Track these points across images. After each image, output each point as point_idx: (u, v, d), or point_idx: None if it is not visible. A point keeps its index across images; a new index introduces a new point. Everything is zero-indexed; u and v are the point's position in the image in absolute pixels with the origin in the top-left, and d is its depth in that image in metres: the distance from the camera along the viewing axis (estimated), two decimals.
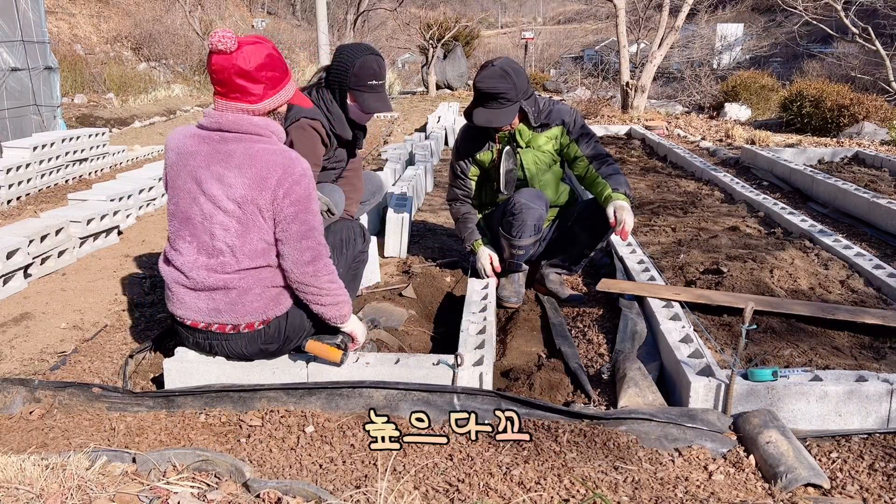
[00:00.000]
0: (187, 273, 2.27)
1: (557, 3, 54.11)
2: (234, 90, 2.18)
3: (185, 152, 2.25)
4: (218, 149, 2.20)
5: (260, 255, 2.25)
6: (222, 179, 2.19)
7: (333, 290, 2.31)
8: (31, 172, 5.90)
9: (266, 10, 33.34)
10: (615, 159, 3.33)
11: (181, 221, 2.28)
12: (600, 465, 2.01)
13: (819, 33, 17.10)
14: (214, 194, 2.20)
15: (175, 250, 2.31)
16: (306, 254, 2.23)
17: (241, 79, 2.16)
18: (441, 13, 24.48)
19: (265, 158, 2.17)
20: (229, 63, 2.14)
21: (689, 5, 13.02)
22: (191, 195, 2.24)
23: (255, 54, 2.16)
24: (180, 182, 2.26)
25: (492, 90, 3.08)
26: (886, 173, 6.67)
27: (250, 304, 2.28)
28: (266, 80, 2.20)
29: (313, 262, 2.25)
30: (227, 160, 2.19)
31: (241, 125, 2.21)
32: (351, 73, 2.89)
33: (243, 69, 2.15)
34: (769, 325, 2.94)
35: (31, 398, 2.36)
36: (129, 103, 13.20)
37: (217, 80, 2.18)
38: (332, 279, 2.31)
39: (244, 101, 2.20)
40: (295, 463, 2.04)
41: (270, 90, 2.23)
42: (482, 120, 3.14)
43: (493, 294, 3.17)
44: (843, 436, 2.21)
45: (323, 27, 13.62)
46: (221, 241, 2.22)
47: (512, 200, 3.23)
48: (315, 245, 2.24)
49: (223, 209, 2.20)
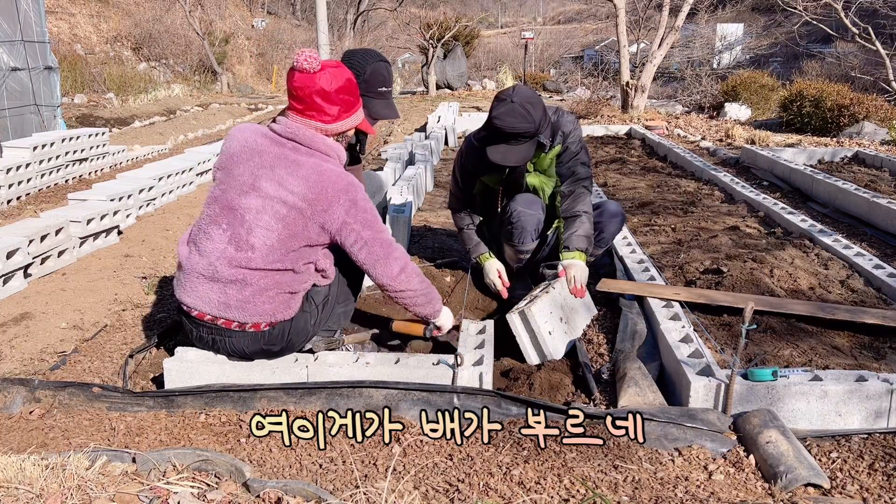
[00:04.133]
0: (211, 260, 2.28)
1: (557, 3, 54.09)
2: (311, 108, 2.28)
3: (253, 147, 2.31)
4: (287, 155, 2.28)
5: (290, 259, 2.28)
6: (283, 184, 2.24)
7: (425, 288, 2.49)
8: (31, 172, 5.90)
9: (266, 10, 33.33)
10: (588, 191, 3.24)
11: (223, 208, 2.30)
12: (600, 465, 2.01)
13: (819, 33, 17.10)
14: (270, 194, 2.24)
15: (205, 234, 2.32)
16: (395, 265, 2.38)
17: (320, 99, 2.26)
18: (441, 13, 24.47)
19: (332, 179, 2.26)
20: (311, 82, 2.24)
21: (689, 5, 13.02)
22: (243, 188, 2.28)
23: (335, 77, 2.28)
24: (237, 172, 2.30)
25: (511, 129, 2.92)
26: (886, 173, 6.67)
27: (262, 304, 2.29)
28: (342, 102, 2.31)
29: (404, 270, 2.40)
30: (294, 169, 2.25)
31: (314, 142, 2.30)
32: (362, 79, 2.90)
33: (324, 90, 2.26)
34: (769, 325, 2.94)
35: (31, 398, 2.36)
36: (128, 103, 13.20)
37: (296, 97, 2.28)
38: (421, 279, 2.48)
39: (319, 119, 2.30)
40: (295, 463, 2.04)
41: (344, 113, 2.34)
42: (498, 157, 2.97)
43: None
44: (843, 436, 2.21)
45: (323, 27, 13.60)
46: (258, 239, 2.25)
47: (509, 209, 3.23)
48: (399, 255, 2.40)
49: (274, 211, 2.24)
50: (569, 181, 3.22)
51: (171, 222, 5.11)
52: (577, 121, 3.26)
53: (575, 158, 3.20)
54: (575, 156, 3.20)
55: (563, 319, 2.88)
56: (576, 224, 3.15)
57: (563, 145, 3.18)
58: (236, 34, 24.70)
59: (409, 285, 2.43)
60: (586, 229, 3.15)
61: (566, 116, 3.21)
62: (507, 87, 3.24)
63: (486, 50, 32.01)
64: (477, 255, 3.34)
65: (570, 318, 2.94)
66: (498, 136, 2.97)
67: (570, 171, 3.21)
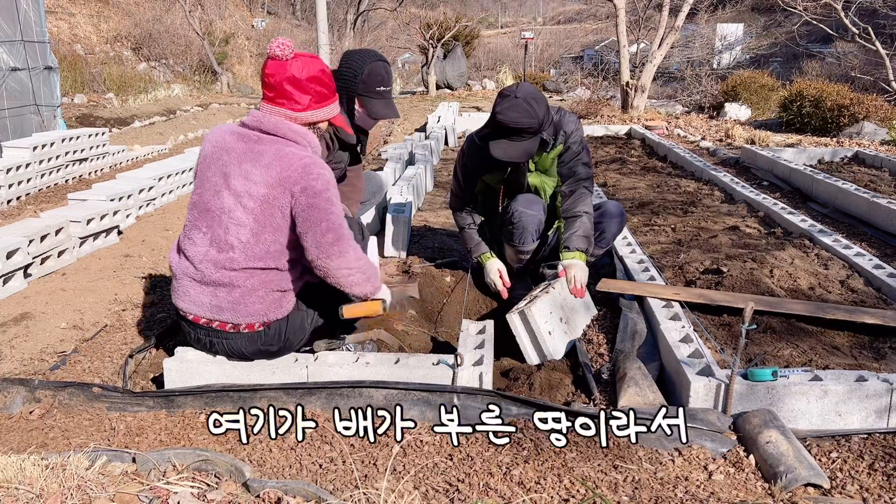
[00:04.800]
0: (196, 264, 2.30)
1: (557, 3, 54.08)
2: (281, 95, 2.27)
3: (222, 147, 2.32)
4: (252, 148, 2.28)
5: (270, 256, 2.28)
6: (248, 177, 2.24)
7: (363, 265, 2.36)
8: (31, 172, 5.90)
9: (266, 10, 33.33)
10: (589, 191, 3.23)
11: (201, 212, 2.32)
12: (600, 465, 2.01)
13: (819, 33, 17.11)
14: (238, 190, 2.25)
15: (189, 239, 2.34)
16: (328, 235, 2.26)
17: (290, 86, 2.26)
18: (441, 13, 24.48)
19: (290, 160, 2.23)
20: (282, 69, 2.25)
21: (689, 5, 13.01)
22: (215, 188, 2.29)
23: (307, 66, 2.28)
24: (209, 174, 2.32)
25: (514, 124, 2.91)
26: (886, 173, 6.67)
27: (252, 305, 2.29)
28: (314, 92, 2.31)
29: (337, 243, 2.27)
30: (257, 159, 2.25)
31: (279, 128, 2.29)
32: (360, 79, 2.90)
33: (294, 77, 2.26)
34: (769, 325, 2.94)
35: (31, 398, 2.36)
36: (128, 103, 13.20)
37: (268, 85, 2.29)
38: (358, 255, 2.35)
39: (288, 107, 2.29)
40: (295, 463, 2.04)
41: (315, 103, 2.33)
42: (501, 153, 2.97)
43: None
44: (843, 436, 2.21)
45: (323, 27, 13.61)
46: (234, 237, 2.26)
47: (510, 209, 3.23)
48: (336, 228, 2.28)
49: (243, 206, 2.25)
50: (570, 181, 3.22)
51: (171, 222, 5.11)
52: (578, 121, 3.26)
53: (576, 158, 3.20)
54: (576, 156, 3.20)
55: (563, 319, 2.88)
56: (576, 224, 3.15)
57: (564, 145, 3.18)
58: (236, 34, 24.70)
59: (346, 262, 2.30)
60: (586, 229, 3.15)
61: (568, 116, 3.21)
62: (510, 84, 3.24)
63: (486, 50, 31.98)
64: (478, 255, 3.34)
65: (570, 318, 2.94)
66: (500, 132, 2.98)
67: (571, 170, 3.22)
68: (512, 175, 3.24)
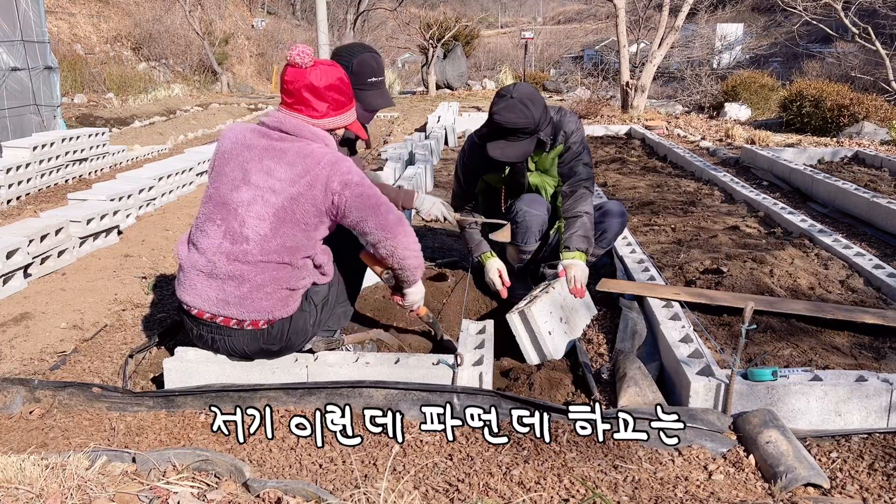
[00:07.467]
0: (209, 256, 2.30)
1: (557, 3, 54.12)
2: (299, 102, 2.31)
3: (242, 143, 2.34)
4: (274, 145, 2.30)
5: (286, 251, 2.29)
6: (271, 173, 2.27)
7: (419, 249, 2.38)
8: (31, 172, 5.91)
9: (266, 10, 33.34)
10: (589, 191, 3.23)
11: (216, 205, 2.33)
12: (600, 465, 2.01)
13: (819, 33, 17.10)
14: (260, 185, 2.27)
15: (202, 231, 2.35)
16: (390, 216, 2.29)
17: (308, 93, 2.30)
18: (441, 13, 24.47)
19: (316, 157, 2.27)
20: (301, 77, 2.29)
21: (689, 5, 13.02)
22: (234, 182, 2.31)
23: (326, 74, 2.32)
24: (228, 169, 2.33)
25: (510, 125, 2.92)
26: (886, 173, 6.67)
27: (259, 301, 2.29)
28: (331, 100, 2.34)
29: (400, 222, 2.30)
30: (280, 156, 2.28)
31: (300, 130, 2.32)
32: (350, 72, 2.89)
33: (313, 85, 2.29)
34: (769, 325, 2.94)
35: (31, 398, 2.36)
36: (128, 103, 13.20)
37: (286, 91, 2.32)
38: (415, 239, 2.37)
39: (306, 113, 2.33)
40: (295, 463, 2.04)
41: (333, 111, 2.36)
42: (497, 153, 2.98)
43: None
44: (843, 436, 2.21)
45: (323, 27, 13.61)
46: (251, 230, 2.27)
47: (514, 209, 3.23)
48: (394, 209, 2.31)
49: (264, 200, 2.26)
50: (570, 181, 3.22)
51: (171, 222, 5.11)
52: (579, 121, 3.26)
53: (577, 158, 3.21)
54: (577, 156, 3.20)
55: (563, 319, 2.88)
56: (576, 224, 3.15)
57: (565, 145, 3.18)
58: (236, 34, 24.71)
59: (407, 241, 2.31)
60: (587, 229, 3.15)
61: (569, 116, 3.21)
62: (508, 84, 3.24)
63: (486, 50, 32.02)
64: (479, 254, 3.34)
65: (570, 318, 2.94)
66: (497, 132, 2.98)
67: (571, 170, 3.22)
68: (511, 175, 3.24)
